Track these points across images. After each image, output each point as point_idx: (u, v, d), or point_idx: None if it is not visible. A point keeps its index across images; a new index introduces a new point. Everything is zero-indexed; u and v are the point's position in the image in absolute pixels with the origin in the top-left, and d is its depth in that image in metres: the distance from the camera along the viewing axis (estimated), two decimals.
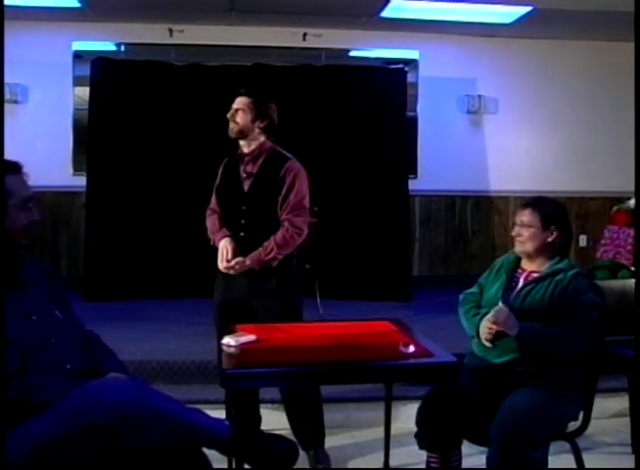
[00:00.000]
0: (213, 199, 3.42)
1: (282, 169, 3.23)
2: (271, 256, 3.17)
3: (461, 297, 2.99)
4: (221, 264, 3.19)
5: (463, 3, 5.78)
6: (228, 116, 3.28)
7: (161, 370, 4.10)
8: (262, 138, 3.28)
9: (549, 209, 2.81)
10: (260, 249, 3.16)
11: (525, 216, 2.82)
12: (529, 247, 2.80)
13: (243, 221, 3.24)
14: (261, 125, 3.26)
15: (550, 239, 2.79)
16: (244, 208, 3.24)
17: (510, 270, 2.87)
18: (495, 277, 2.90)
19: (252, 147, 3.27)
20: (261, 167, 3.26)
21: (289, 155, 3.33)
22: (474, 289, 2.98)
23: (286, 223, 3.20)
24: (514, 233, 2.85)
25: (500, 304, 2.73)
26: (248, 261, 3.16)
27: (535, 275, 2.80)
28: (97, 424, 1.89)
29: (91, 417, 1.89)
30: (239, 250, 3.20)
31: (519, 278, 2.84)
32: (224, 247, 3.19)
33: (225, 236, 3.23)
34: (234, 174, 3.31)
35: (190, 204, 6.05)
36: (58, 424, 1.93)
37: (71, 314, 2.36)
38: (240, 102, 3.28)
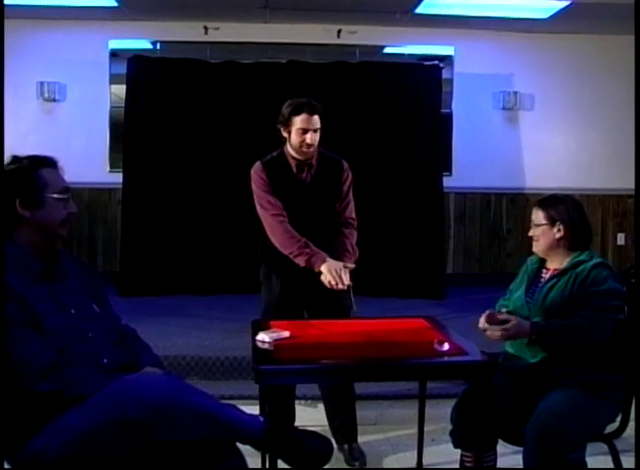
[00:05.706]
0: (275, 201, 3.20)
1: (343, 173, 3.30)
2: (357, 256, 3.27)
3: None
4: (339, 286, 3.10)
5: None
6: (308, 140, 3.12)
7: (196, 366, 4.13)
8: None
9: (553, 205, 2.82)
10: (345, 256, 3.21)
11: (535, 216, 2.85)
12: (541, 245, 2.82)
13: (305, 226, 3.23)
14: None
15: (558, 235, 2.78)
16: (306, 213, 3.24)
17: (534, 271, 2.87)
18: (521, 280, 2.91)
19: (308, 154, 3.24)
20: (319, 172, 3.26)
21: (335, 155, 3.35)
22: (506, 295, 2.98)
23: (351, 220, 3.30)
24: (530, 233, 2.87)
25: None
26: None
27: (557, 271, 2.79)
28: (133, 418, 1.91)
29: (127, 411, 1.91)
30: None
31: (544, 277, 2.83)
32: (340, 269, 3.09)
33: (325, 259, 3.11)
34: (289, 180, 3.25)
35: (225, 200, 6.11)
36: (94, 417, 1.95)
37: (109, 309, 2.39)
38: (317, 122, 3.15)
